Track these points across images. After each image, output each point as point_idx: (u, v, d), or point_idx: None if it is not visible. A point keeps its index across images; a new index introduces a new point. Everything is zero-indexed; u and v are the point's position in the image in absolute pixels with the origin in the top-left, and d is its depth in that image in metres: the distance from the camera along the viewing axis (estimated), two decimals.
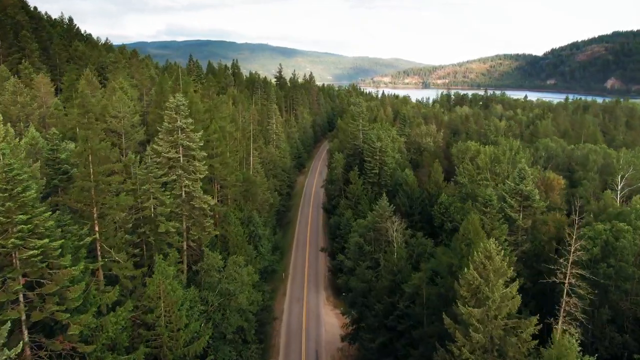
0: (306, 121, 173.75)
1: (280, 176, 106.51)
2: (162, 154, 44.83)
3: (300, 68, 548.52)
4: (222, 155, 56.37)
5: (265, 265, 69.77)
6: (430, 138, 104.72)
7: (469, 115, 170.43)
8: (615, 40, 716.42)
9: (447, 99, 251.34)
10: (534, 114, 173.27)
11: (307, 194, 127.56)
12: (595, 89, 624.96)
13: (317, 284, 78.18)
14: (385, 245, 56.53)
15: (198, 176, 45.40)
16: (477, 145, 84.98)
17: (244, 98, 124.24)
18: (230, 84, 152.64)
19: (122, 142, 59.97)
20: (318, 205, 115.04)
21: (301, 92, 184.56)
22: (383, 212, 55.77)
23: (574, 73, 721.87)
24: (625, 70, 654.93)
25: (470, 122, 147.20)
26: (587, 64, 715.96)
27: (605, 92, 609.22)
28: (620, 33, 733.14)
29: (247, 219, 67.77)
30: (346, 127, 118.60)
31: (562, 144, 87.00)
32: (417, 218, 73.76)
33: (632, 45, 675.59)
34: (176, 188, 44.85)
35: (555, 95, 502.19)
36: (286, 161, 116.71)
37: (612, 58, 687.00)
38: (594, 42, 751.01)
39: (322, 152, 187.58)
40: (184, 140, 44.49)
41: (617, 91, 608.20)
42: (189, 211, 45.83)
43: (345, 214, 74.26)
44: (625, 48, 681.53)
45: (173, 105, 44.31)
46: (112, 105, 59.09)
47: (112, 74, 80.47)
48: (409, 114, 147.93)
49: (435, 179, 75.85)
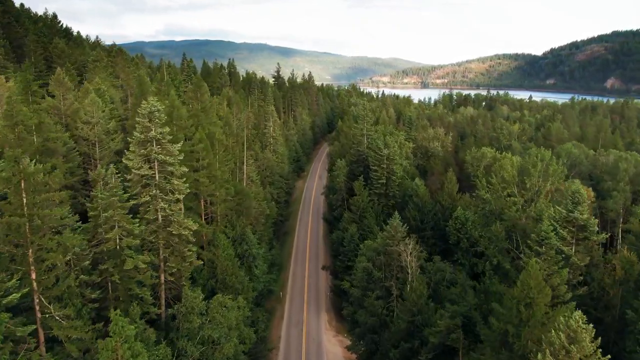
0: (305, 122, 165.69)
1: (277, 183, 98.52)
2: (133, 170, 36.91)
3: (299, 68, 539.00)
4: (209, 167, 48.43)
5: (261, 289, 61.98)
6: (438, 142, 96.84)
7: (475, 116, 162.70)
8: (614, 40, 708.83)
9: (449, 99, 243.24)
10: (542, 116, 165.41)
11: (307, 200, 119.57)
12: (595, 89, 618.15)
13: (317, 305, 70.28)
14: (397, 272, 48.76)
15: (177, 196, 37.48)
16: (492, 152, 77.17)
17: (239, 99, 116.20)
18: (225, 84, 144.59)
19: (95, 151, 51.97)
20: (318, 213, 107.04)
21: (300, 93, 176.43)
22: (395, 233, 47.97)
23: (573, 73, 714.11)
24: (625, 70, 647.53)
25: (478, 125, 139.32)
26: (586, 64, 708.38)
27: (605, 92, 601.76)
28: (620, 33, 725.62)
29: (239, 237, 59.92)
30: (348, 131, 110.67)
31: (585, 150, 79.21)
32: (429, 234, 65.93)
33: (632, 45, 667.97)
34: (150, 211, 36.89)
35: (556, 95, 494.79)
36: (284, 166, 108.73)
37: (612, 58, 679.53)
38: (593, 41, 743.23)
39: (321, 154, 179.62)
40: (159, 154, 36.56)
41: (617, 91, 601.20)
42: (166, 239, 37.90)
43: (349, 229, 66.37)
44: (625, 48, 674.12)
45: (145, 112, 36.36)
46: (84, 109, 51.04)
47: (92, 74, 72.31)
48: (413, 115, 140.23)
49: (449, 190, 68.01)
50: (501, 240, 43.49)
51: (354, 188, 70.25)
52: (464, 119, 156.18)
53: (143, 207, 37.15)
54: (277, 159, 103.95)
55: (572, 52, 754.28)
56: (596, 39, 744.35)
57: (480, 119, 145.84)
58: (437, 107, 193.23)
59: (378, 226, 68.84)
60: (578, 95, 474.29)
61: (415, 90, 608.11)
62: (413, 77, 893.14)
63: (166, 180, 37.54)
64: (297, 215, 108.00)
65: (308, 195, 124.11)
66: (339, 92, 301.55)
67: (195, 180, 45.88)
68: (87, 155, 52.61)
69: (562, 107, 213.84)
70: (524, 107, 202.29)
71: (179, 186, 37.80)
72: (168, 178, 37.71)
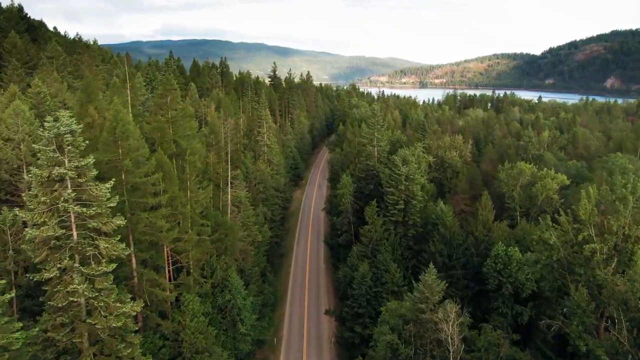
0: (303, 126, 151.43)
1: (272, 199, 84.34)
2: (33, 226, 22.92)
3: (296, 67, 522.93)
4: (172, 202, 34.40)
5: (248, 349, 48.06)
6: (456, 151, 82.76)
7: (486, 119, 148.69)
8: (614, 40, 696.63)
9: (454, 99, 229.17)
10: (560, 119, 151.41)
11: (306, 214, 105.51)
12: (595, 89, 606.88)
13: (319, 358, 56.35)
14: (432, 347, 34.94)
15: (104, 268, 23.43)
16: (532, 168, 63.36)
17: (229, 102, 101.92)
18: (217, 85, 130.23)
19: (22, 178, 37.82)
20: (319, 233, 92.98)
21: (297, 93, 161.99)
22: (431, 294, 34.16)
23: (572, 72, 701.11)
24: (625, 70, 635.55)
25: (495, 129, 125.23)
26: (585, 64, 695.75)
27: (605, 92, 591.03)
28: (619, 32, 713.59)
29: (220, 283, 46.01)
30: (353, 138, 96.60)
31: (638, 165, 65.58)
32: (460, 273, 52.13)
33: (632, 45, 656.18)
34: (58, 296, 22.83)
35: (556, 94, 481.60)
36: (280, 178, 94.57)
37: (611, 57, 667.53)
38: (592, 41, 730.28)
39: (321, 159, 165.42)
40: (72, 205, 22.52)
41: (617, 91, 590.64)
42: (89, 329, 23.92)
43: (360, 267, 52.38)
44: (625, 47, 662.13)
45: (51, 135, 22.33)
46: (4, 121, 36.93)
47: (45, 73, 57.89)
48: (422, 118, 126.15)
49: (484, 219, 54.14)
50: (588, 315, 29.66)
51: (365, 215, 56.15)
52: (475, 122, 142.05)
53: (49, 286, 23.09)
54: (271, 170, 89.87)
55: (571, 51, 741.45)
56: (595, 38, 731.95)
57: (496, 123, 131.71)
58: (442, 108, 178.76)
59: (395, 263, 55.03)
60: (578, 95, 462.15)
61: (413, 90, 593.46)
62: (411, 76, 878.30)
63: (88, 242, 23.50)
64: (294, 234, 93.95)
65: (307, 207, 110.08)
66: (338, 92, 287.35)
67: (151, 223, 31.81)
68: (11, 184, 38.49)
69: (575, 109, 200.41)
70: (535, 109, 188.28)
71: (109, 248, 23.75)
72: (91, 238, 23.66)
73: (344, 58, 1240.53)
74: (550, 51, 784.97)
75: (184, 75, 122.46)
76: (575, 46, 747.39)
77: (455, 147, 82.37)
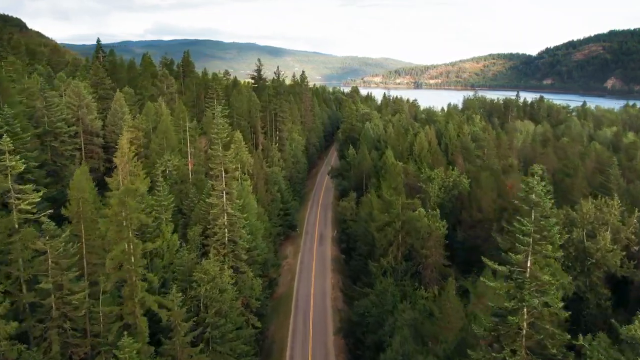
0: (297, 145, 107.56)
1: (228, 326, 40.99)
2: None
3: (288, 67, 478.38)
4: None
5: None
6: (607, 229, 39.92)
7: (546, 135, 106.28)
8: (612, 39, 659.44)
9: (475, 104, 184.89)
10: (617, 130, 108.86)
11: (301, 311, 62.14)
12: (595, 89, 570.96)
13: None
14: None
15: None
16: None
17: (171, 125, 57.82)
18: (169, 91, 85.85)
19: None
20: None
21: (289, 100, 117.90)
22: None
23: (571, 73, 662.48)
24: (625, 70, 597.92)
25: (573, 156, 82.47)
26: (584, 63, 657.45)
27: (606, 92, 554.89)
28: (618, 32, 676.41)
29: None
30: (387, 192, 52.43)
31: None
32: None
33: (631, 44, 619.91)
34: None
35: (555, 95, 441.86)
36: (255, 253, 51.16)
37: (611, 57, 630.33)
38: (590, 40, 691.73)
39: (320, 185, 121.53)
40: None
41: (618, 91, 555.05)
42: None
43: None
44: (624, 47, 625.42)
45: None
46: None
47: None
48: (467, 140, 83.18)
49: None
50: None
51: None
52: (533, 141, 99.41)
53: None
54: (242, 243, 46.30)
55: (568, 51, 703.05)
56: (593, 38, 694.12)
57: (571, 145, 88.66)
58: (471, 118, 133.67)
59: None
60: (579, 96, 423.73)
61: (408, 91, 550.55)
62: (406, 77, 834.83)
63: None
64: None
65: (303, 290, 66.25)
66: (336, 95, 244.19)
67: None
68: None
69: (623, 115, 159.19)
70: (585, 117, 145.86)
71: None
72: None
73: (337, 58, 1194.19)
74: (547, 51, 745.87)
75: (117, 75, 77.96)
76: (572, 46, 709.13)
77: (605, 222, 39.32)
